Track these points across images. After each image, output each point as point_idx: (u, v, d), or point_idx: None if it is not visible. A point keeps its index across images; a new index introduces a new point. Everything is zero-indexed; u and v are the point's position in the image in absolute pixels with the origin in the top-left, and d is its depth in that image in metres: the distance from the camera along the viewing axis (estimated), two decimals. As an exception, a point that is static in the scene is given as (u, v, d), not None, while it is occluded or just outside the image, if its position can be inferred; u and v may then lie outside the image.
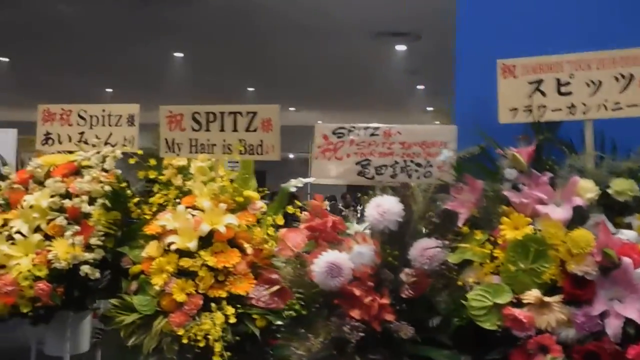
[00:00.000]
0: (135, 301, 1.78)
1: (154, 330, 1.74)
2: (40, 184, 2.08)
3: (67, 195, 1.97)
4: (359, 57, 7.49)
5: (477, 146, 1.83)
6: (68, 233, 1.84)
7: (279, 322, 1.68)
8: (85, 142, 2.23)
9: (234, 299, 1.74)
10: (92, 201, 1.97)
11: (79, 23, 6.93)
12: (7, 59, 9.21)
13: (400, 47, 7.01)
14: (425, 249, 1.57)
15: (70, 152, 2.22)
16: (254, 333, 1.69)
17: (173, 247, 1.76)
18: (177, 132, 2.00)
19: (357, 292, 1.39)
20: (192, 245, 1.75)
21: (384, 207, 1.61)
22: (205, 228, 1.75)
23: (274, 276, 1.49)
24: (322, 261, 1.43)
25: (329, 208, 1.75)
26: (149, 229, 1.88)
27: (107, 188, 1.95)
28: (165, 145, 2.02)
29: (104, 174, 2.01)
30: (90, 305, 1.98)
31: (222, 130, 1.94)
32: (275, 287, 1.45)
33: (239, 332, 1.69)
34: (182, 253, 1.78)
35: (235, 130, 1.92)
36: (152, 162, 1.98)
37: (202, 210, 1.84)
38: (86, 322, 2.15)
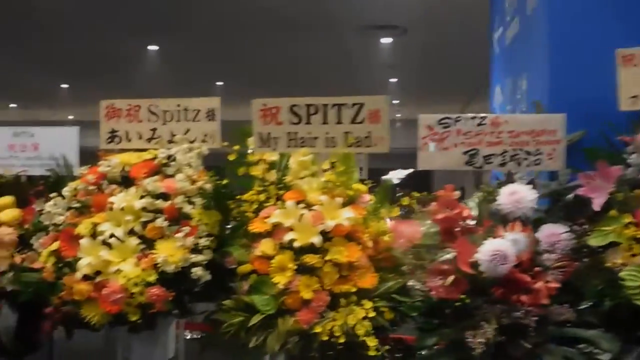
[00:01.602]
0: (257, 301, 1.75)
1: (280, 329, 1.72)
2: (119, 184, 1.99)
3: (160, 195, 1.90)
4: (341, 51, 7.54)
5: (580, 133, 1.93)
6: (180, 235, 1.77)
7: (414, 314, 1.72)
8: (158, 139, 2.14)
9: (358, 293, 1.75)
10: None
11: (42, 12, 6.57)
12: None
13: (386, 40, 7.11)
14: (552, 234, 1.64)
15: (140, 151, 2.13)
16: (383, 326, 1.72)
17: (295, 244, 1.74)
18: (272, 126, 1.97)
19: (527, 277, 1.44)
20: (317, 241, 1.73)
21: (518, 195, 1.67)
22: (330, 223, 1.74)
23: (445, 267, 1.51)
24: (487, 249, 1.47)
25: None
26: (256, 227, 1.85)
27: (208, 186, 1.89)
28: (259, 139, 1.98)
29: (194, 172, 1.95)
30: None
31: (324, 122, 1.92)
32: (451, 278, 1.46)
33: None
34: (300, 250, 1.77)
35: (339, 122, 1.91)
36: (251, 158, 1.94)
37: (312, 206, 1.83)
38: (172, 327, 2.08)
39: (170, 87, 7.98)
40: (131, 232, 1.86)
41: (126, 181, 2.00)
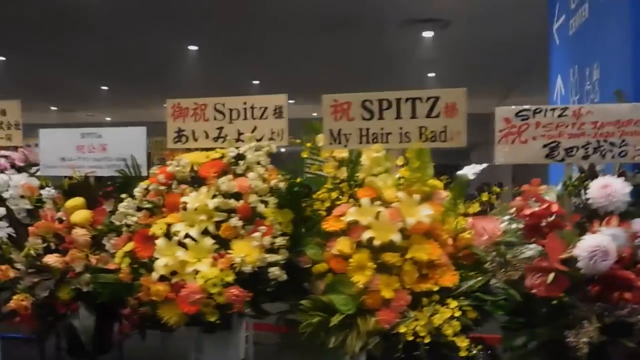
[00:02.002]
0: (336, 301, 1.72)
1: (360, 329, 1.69)
2: (189, 183, 1.98)
3: (231, 194, 1.88)
4: (381, 46, 7.46)
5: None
6: (257, 234, 1.76)
7: (499, 313, 1.67)
8: (225, 138, 2.13)
9: (439, 292, 1.70)
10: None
11: (83, 15, 6.68)
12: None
13: (427, 34, 7.00)
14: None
15: (207, 150, 2.13)
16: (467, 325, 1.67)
17: (375, 242, 1.70)
18: (343, 122, 1.94)
19: (630, 274, 1.38)
20: (397, 239, 1.70)
21: (611, 188, 1.60)
22: (410, 221, 1.70)
23: (544, 264, 1.45)
24: (586, 245, 1.41)
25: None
26: (330, 226, 1.82)
27: (282, 185, 1.87)
28: (330, 136, 1.95)
29: (265, 170, 1.93)
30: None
31: (398, 117, 1.88)
32: (552, 275, 1.41)
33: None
34: (378, 248, 1.73)
35: (413, 116, 1.87)
36: (324, 154, 1.92)
37: (389, 203, 1.79)
38: (243, 327, 2.08)
39: (207, 87, 8.05)
40: (205, 232, 1.86)
41: (196, 181, 2.00)
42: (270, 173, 1.95)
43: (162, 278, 1.81)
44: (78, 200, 2.14)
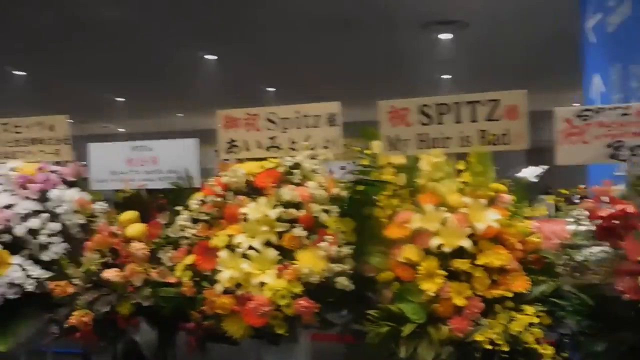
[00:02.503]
0: (406, 310, 1.70)
1: (433, 338, 1.67)
2: (246, 194, 1.98)
3: (291, 204, 1.87)
4: (399, 48, 7.46)
5: None
6: (324, 244, 1.74)
7: (577, 318, 1.64)
8: (278, 147, 2.12)
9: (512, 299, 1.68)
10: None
11: (99, 26, 6.71)
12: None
13: (446, 36, 7.00)
14: None
15: (259, 160, 2.12)
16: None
17: (445, 249, 1.69)
18: (401, 128, 1.92)
19: None
20: (467, 245, 1.68)
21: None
22: (480, 226, 1.68)
23: (634, 267, 1.43)
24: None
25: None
26: (393, 233, 1.81)
27: (344, 193, 1.86)
28: (387, 142, 1.94)
29: (324, 179, 1.92)
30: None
31: (458, 121, 1.87)
32: None
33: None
34: (446, 255, 1.72)
35: (474, 120, 1.85)
36: (383, 159, 1.90)
37: (453, 208, 1.78)
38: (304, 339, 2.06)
39: (221, 96, 8.09)
40: (267, 243, 1.85)
41: (252, 191, 1.99)
42: (330, 181, 1.93)
43: (226, 291, 1.81)
44: (132, 214, 2.14)
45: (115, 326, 1.95)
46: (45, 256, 2.12)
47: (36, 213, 2.16)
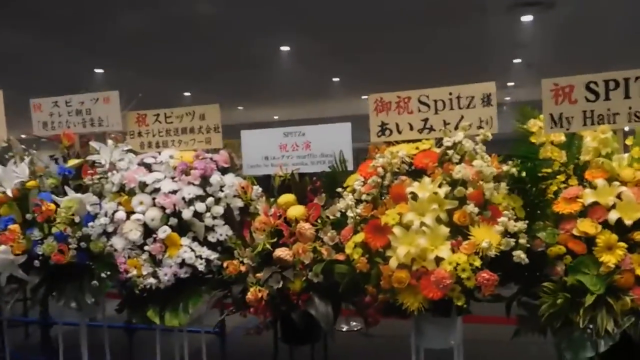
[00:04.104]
0: (586, 281, 1.78)
1: (615, 309, 1.74)
2: (406, 174, 2.08)
3: (456, 183, 1.97)
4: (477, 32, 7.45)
5: None
6: (503, 219, 1.83)
7: None
8: (430, 129, 2.22)
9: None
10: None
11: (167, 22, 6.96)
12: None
13: (527, 18, 6.94)
14: None
15: (411, 141, 2.22)
16: None
17: (627, 222, 1.75)
18: (565, 105, 1.98)
19: None
20: (651, 216, 1.74)
21: None
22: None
23: None
24: None
25: None
26: (562, 208, 1.88)
27: (513, 171, 1.94)
28: (550, 120, 2.01)
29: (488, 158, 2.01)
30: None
31: (627, 97, 1.91)
32: None
33: None
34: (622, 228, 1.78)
35: (644, 95, 1.90)
36: (539, 139, 1.97)
37: (626, 182, 1.84)
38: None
39: (288, 86, 8.26)
40: (437, 220, 1.95)
41: (412, 171, 2.10)
42: (493, 160, 2.02)
43: (400, 265, 1.92)
44: (290, 197, 2.28)
45: (288, 301, 2.10)
46: (212, 238, 2.28)
47: (199, 198, 2.33)
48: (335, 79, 10.55)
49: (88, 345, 2.68)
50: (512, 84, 12.40)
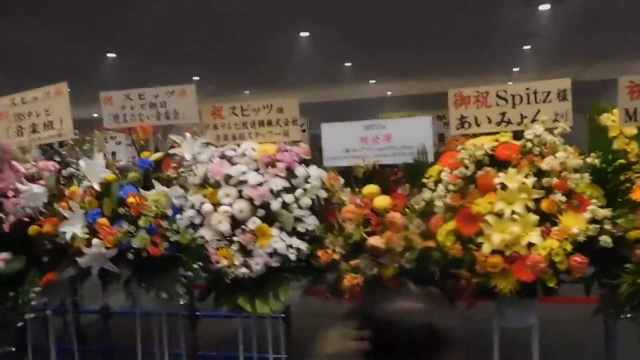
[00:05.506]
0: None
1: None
2: (489, 165, 2.27)
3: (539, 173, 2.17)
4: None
5: None
6: (592, 207, 2.03)
7: None
8: (508, 122, 2.40)
9: None
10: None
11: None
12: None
13: (544, 7, 7.14)
14: None
15: (488, 134, 2.40)
16: None
17: None
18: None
19: None
20: None
21: None
22: None
23: None
24: None
25: None
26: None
27: (596, 162, 2.15)
28: (624, 115, 2.20)
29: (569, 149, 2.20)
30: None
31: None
32: None
33: None
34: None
35: None
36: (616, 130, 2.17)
37: None
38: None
39: (299, 74, 8.37)
40: (526, 208, 2.15)
41: (493, 162, 2.29)
42: (574, 151, 2.21)
43: (493, 251, 2.12)
44: (374, 187, 2.46)
45: (380, 287, 2.29)
46: (301, 228, 2.45)
47: (285, 189, 2.49)
48: (347, 64, 10.71)
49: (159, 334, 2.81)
50: (517, 69, 12.70)
